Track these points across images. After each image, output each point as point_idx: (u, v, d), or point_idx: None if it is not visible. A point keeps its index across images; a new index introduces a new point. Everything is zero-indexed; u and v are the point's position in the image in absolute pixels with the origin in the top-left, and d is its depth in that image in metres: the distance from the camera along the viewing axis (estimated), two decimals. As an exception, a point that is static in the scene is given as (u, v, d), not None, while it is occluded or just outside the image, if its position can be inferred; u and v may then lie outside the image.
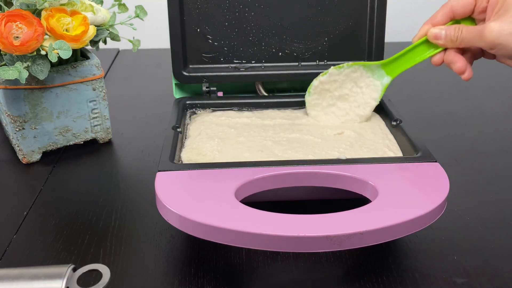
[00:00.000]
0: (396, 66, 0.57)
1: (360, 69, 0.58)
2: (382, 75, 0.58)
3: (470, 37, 0.49)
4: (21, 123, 0.60)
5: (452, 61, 0.52)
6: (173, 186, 0.45)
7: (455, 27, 0.50)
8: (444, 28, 0.51)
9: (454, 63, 0.52)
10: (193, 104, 0.63)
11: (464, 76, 0.52)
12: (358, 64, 0.58)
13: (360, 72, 0.58)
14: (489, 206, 0.54)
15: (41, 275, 0.41)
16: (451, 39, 0.51)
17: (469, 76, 0.52)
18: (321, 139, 0.55)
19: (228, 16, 0.62)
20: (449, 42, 0.51)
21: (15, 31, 0.53)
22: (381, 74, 0.58)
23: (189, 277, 0.45)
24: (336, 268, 0.46)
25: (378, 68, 0.58)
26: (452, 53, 0.52)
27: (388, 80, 0.58)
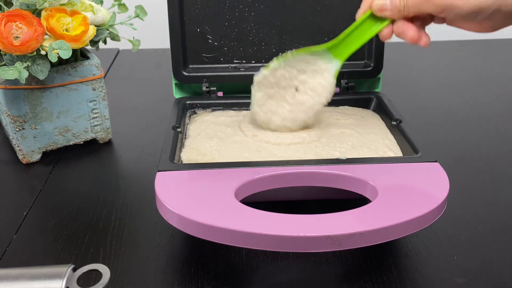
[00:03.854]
0: (344, 48, 0.53)
1: (306, 57, 0.54)
2: (331, 60, 0.54)
3: (417, 3, 0.46)
4: (21, 123, 0.60)
5: (403, 31, 0.49)
6: (173, 186, 0.45)
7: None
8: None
9: (405, 33, 0.48)
10: (193, 104, 0.63)
11: (422, 43, 0.49)
12: (303, 51, 0.53)
13: (306, 61, 0.54)
14: (489, 206, 0.54)
15: (41, 275, 0.41)
16: (398, 9, 0.47)
17: (427, 41, 0.49)
18: (321, 139, 0.55)
19: (228, 16, 0.63)
20: (396, 12, 0.48)
21: (15, 31, 0.53)
22: (329, 59, 0.54)
23: (189, 277, 0.45)
24: (336, 268, 0.46)
25: (325, 53, 0.53)
26: (401, 24, 0.48)
27: (338, 64, 0.54)
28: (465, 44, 1.04)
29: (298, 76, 0.55)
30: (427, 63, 0.96)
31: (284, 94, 0.55)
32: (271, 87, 0.55)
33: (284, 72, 0.54)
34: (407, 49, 1.00)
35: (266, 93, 0.55)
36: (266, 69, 0.54)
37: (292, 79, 0.55)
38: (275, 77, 0.55)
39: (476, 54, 1.00)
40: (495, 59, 0.98)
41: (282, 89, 0.55)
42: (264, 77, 0.55)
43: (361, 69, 0.65)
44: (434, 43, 1.02)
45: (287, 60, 0.54)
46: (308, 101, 0.55)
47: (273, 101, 0.55)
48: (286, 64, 0.54)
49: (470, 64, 0.96)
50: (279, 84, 0.55)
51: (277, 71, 0.54)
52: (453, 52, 1.01)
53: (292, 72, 0.55)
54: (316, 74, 0.55)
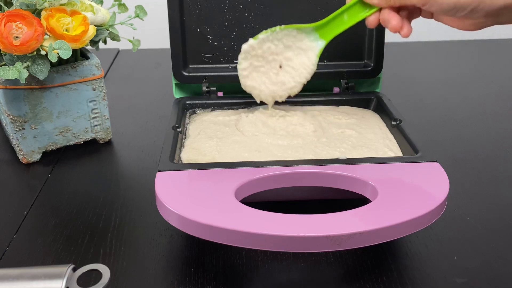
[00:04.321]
0: (330, 29, 0.55)
1: (293, 32, 0.56)
2: (316, 39, 0.56)
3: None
4: (21, 123, 0.60)
5: (387, 20, 0.50)
6: (173, 186, 0.45)
7: None
8: None
9: (389, 21, 0.50)
10: (193, 104, 0.63)
11: (403, 33, 0.50)
12: (291, 27, 0.55)
13: (293, 36, 0.56)
14: (489, 206, 0.54)
15: (41, 275, 0.41)
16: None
17: (408, 32, 0.50)
18: (321, 138, 0.55)
19: (228, 16, 0.63)
20: (383, 1, 0.50)
21: (15, 31, 0.53)
22: (315, 38, 0.56)
23: (189, 277, 0.45)
24: (336, 268, 0.46)
25: (312, 32, 0.56)
26: (387, 12, 0.50)
27: (323, 44, 0.56)
28: (465, 44, 1.04)
29: (284, 52, 0.57)
30: (427, 63, 0.96)
31: (268, 70, 0.57)
32: (257, 59, 0.57)
33: (271, 45, 0.56)
34: (407, 49, 1.01)
35: (252, 64, 0.57)
36: (254, 39, 0.56)
37: (278, 54, 0.57)
38: (262, 49, 0.56)
39: (476, 54, 1.00)
40: (495, 59, 0.98)
41: (267, 63, 0.57)
42: (251, 46, 0.56)
43: (361, 69, 0.65)
44: (434, 43, 1.03)
45: (275, 32, 0.56)
46: (289, 82, 0.57)
47: (257, 74, 0.57)
48: (274, 37, 0.56)
49: (470, 64, 0.96)
50: (266, 57, 0.57)
51: (265, 43, 0.56)
52: (453, 52, 1.01)
53: (278, 46, 0.56)
54: (301, 51, 0.57)
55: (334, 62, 0.65)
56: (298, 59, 0.57)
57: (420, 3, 0.47)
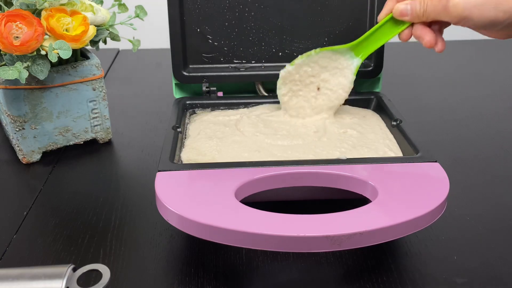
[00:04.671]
0: (365, 47, 0.57)
1: (328, 54, 0.57)
2: (352, 57, 0.57)
3: (436, 12, 0.48)
4: (21, 123, 0.60)
5: (420, 36, 0.51)
6: (173, 186, 0.45)
7: (420, 2, 0.49)
8: (410, 3, 0.50)
9: (422, 37, 0.51)
10: (193, 104, 0.63)
11: (437, 49, 0.51)
12: (326, 49, 0.57)
13: (328, 57, 0.58)
14: (489, 206, 0.54)
15: (41, 275, 0.41)
16: (417, 15, 0.50)
17: (442, 48, 0.51)
18: (322, 138, 0.55)
19: (228, 16, 0.62)
20: (415, 17, 0.50)
21: (15, 31, 0.53)
22: (351, 56, 0.57)
23: (189, 277, 0.45)
24: (336, 268, 0.46)
25: (347, 51, 0.57)
26: (420, 28, 0.51)
27: (359, 61, 0.57)
28: (465, 44, 1.04)
29: (321, 73, 0.58)
30: (427, 63, 0.96)
31: (307, 93, 0.59)
32: (295, 83, 0.58)
33: (307, 68, 0.58)
34: (407, 49, 1.01)
35: (291, 89, 0.59)
36: (291, 65, 0.58)
37: (315, 76, 0.58)
38: (299, 74, 0.58)
39: (476, 54, 1.00)
40: (495, 59, 0.98)
41: (305, 87, 0.59)
42: (289, 72, 0.58)
43: (361, 69, 0.64)
44: (434, 43, 1.03)
45: (310, 56, 0.57)
46: (327, 104, 0.59)
47: (297, 100, 0.59)
48: (310, 60, 0.57)
49: (470, 64, 0.96)
50: (303, 81, 0.58)
51: (301, 67, 0.58)
52: (453, 52, 1.01)
53: (315, 68, 0.58)
54: (338, 71, 0.58)
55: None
56: (335, 80, 0.58)
57: (453, 22, 0.48)
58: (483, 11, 0.45)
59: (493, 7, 0.44)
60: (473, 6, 0.45)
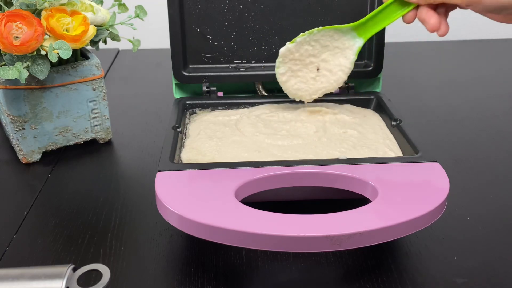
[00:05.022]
0: (368, 28, 0.56)
1: (330, 32, 0.56)
2: (354, 37, 0.57)
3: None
4: (21, 123, 0.60)
5: (425, 19, 0.50)
6: (173, 186, 0.45)
7: None
8: None
9: (427, 20, 0.50)
10: (193, 104, 0.63)
11: (439, 33, 0.50)
12: (329, 28, 0.56)
13: (330, 36, 0.57)
14: (489, 206, 0.54)
15: (41, 275, 0.41)
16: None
17: (445, 32, 0.50)
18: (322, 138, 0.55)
19: (228, 16, 0.63)
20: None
21: (15, 31, 0.53)
22: (353, 36, 0.56)
23: (189, 277, 0.45)
24: (336, 268, 0.46)
25: (350, 31, 0.56)
26: (425, 11, 0.50)
27: (361, 42, 0.57)
28: (465, 44, 1.04)
29: (321, 53, 0.57)
30: (427, 63, 0.96)
31: (306, 74, 0.58)
32: (294, 63, 0.58)
33: (308, 47, 0.57)
34: (407, 49, 1.01)
35: (290, 68, 0.58)
36: (291, 43, 0.57)
37: (316, 55, 0.57)
38: (299, 52, 0.57)
39: (476, 54, 1.00)
40: (495, 59, 0.98)
41: (305, 67, 0.58)
42: (289, 50, 0.57)
43: (361, 69, 0.65)
44: (434, 43, 1.03)
45: (312, 34, 0.56)
46: (326, 87, 0.59)
47: (295, 80, 0.58)
48: (311, 38, 0.56)
49: (470, 64, 0.96)
50: (303, 60, 0.57)
51: (302, 46, 0.57)
52: (453, 52, 1.01)
53: (315, 46, 0.57)
54: (339, 50, 0.57)
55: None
56: (336, 60, 0.58)
57: (463, 4, 0.47)
58: None
59: None
60: None
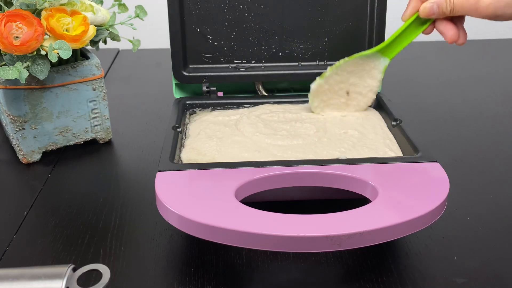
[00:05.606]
0: (393, 48, 0.57)
1: (356, 60, 0.58)
2: (379, 58, 0.58)
3: (464, 10, 0.48)
4: (21, 123, 0.60)
5: (444, 32, 0.51)
6: (173, 186, 0.45)
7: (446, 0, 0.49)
8: (435, 1, 0.50)
9: (446, 33, 0.51)
10: (193, 104, 0.63)
11: (459, 42, 0.52)
12: (355, 57, 0.57)
13: (355, 62, 0.58)
14: (489, 206, 0.54)
15: (41, 275, 0.41)
16: (444, 12, 0.50)
17: (464, 41, 0.52)
18: (322, 139, 0.55)
19: (228, 16, 0.63)
20: (441, 15, 0.50)
21: (15, 31, 0.53)
22: (377, 57, 0.58)
23: (189, 277, 0.45)
24: (336, 268, 0.46)
25: (375, 54, 0.58)
26: (443, 23, 0.51)
27: (386, 61, 0.58)
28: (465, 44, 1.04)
29: (349, 79, 0.59)
30: (427, 63, 0.96)
31: (337, 101, 0.60)
32: (325, 94, 0.59)
33: (336, 77, 0.58)
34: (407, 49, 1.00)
35: (322, 100, 0.60)
36: (321, 78, 0.58)
37: (344, 82, 0.59)
38: (328, 84, 0.59)
39: (476, 54, 1.00)
40: (495, 59, 0.98)
41: (335, 94, 0.60)
42: (319, 85, 0.59)
43: (361, 69, 0.65)
44: (434, 43, 1.03)
45: (339, 66, 0.58)
46: (356, 108, 0.60)
47: (329, 109, 0.60)
48: (338, 69, 0.58)
49: (470, 64, 0.96)
50: (332, 89, 0.59)
51: (331, 77, 0.58)
52: (453, 52, 1.01)
53: (343, 74, 0.58)
54: (364, 73, 0.58)
55: (334, 62, 0.65)
56: (364, 83, 0.59)
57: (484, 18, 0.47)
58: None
59: None
60: (505, 6, 0.45)
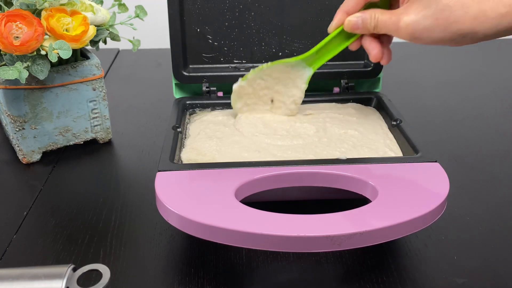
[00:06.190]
0: (317, 59, 0.57)
1: (281, 66, 0.57)
2: (304, 67, 0.57)
3: (386, 29, 0.48)
4: (21, 123, 0.60)
5: (368, 49, 0.51)
6: (173, 186, 0.45)
7: (370, 15, 0.49)
8: (361, 16, 0.50)
9: (370, 51, 0.51)
10: (193, 104, 0.63)
11: (382, 62, 0.52)
12: (278, 62, 0.57)
13: (281, 69, 0.57)
14: (489, 206, 0.54)
15: (41, 275, 0.41)
16: (368, 29, 0.50)
17: (387, 61, 0.52)
18: (322, 139, 0.55)
19: (228, 16, 0.62)
20: (365, 31, 0.50)
21: (15, 31, 0.53)
22: (303, 67, 0.57)
23: (189, 277, 0.45)
24: (336, 268, 0.46)
25: (300, 63, 0.57)
26: (368, 40, 0.51)
27: (310, 71, 0.58)
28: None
29: (274, 86, 0.58)
30: (427, 63, 0.96)
31: (262, 108, 0.59)
32: (249, 97, 0.59)
33: (260, 81, 0.58)
34: (407, 49, 1.01)
35: (246, 103, 0.59)
36: (243, 80, 0.58)
37: (269, 88, 0.58)
38: (252, 87, 0.58)
39: (476, 54, 1.00)
40: (495, 59, 0.98)
41: (260, 99, 0.59)
42: (241, 87, 0.58)
43: (361, 69, 0.65)
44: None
45: (263, 70, 0.57)
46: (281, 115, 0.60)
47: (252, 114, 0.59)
48: (262, 73, 0.58)
49: (470, 64, 0.96)
50: (256, 93, 0.59)
51: (254, 81, 0.58)
52: (453, 52, 1.01)
53: (268, 80, 0.58)
54: (290, 81, 0.58)
55: (334, 62, 0.65)
56: (288, 91, 0.59)
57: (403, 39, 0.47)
58: (432, 33, 0.45)
59: (442, 30, 0.44)
60: (423, 29, 0.45)
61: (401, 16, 0.46)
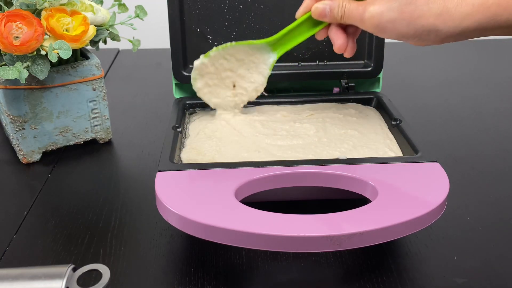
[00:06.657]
0: (283, 44, 0.56)
1: (245, 48, 0.56)
2: (269, 52, 0.56)
3: (352, 19, 0.48)
4: (21, 123, 0.60)
5: (333, 39, 0.51)
6: (173, 186, 0.45)
7: (338, 4, 0.48)
8: (329, 3, 0.49)
9: (335, 41, 0.51)
10: (193, 104, 0.63)
11: (345, 54, 0.51)
12: (243, 43, 0.56)
13: (245, 51, 0.56)
14: (489, 206, 0.54)
15: (41, 275, 0.41)
16: (335, 17, 0.49)
17: (351, 53, 0.51)
18: (322, 139, 0.55)
19: (228, 16, 0.63)
20: (333, 19, 0.50)
21: (15, 31, 0.53)
22: (268, 51, 0.56)
23: (189, 277, 0.45)
24: (336, 268, 0.46)
25: (264, 46, 0.56)
26: (334, 30, 0.51)
27: (275, 57, 0.57)
28: (465, 44, 1.04)
29: (238, 68, 0.57)
30: (427, 63, 0.96)
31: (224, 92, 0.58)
32: (210, 77, 0.57)
33: (223, 61, 0.56)
34: (407, 49, 1.01)
35: (207, 83, 0.57)
36: (205, 56, 0.56)
37: (232, 70, 0.57)
38: (214, 66, 0.56)
39: (476, 54, 1.00)
40: (495, 59, 0.98)
41: (222, 82, 0.58)
42: (203, 64, 0.56)
43: (361, 69, 0.65)
44: (434, 43, 1.03)
45: (226, 49, 0.56)
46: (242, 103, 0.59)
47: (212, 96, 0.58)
48: (226, 52, 0.56)
49: (470, 64, 0.96)
50: (219, 74, 0.57)
51: (217, 59, 0.56)
52: (453, 52, 1.01)
53: (231, 60, 0.57)
54: (253, 65, 0.57)
55: (334, 62, 0.65)
56: (251, 77, 0.58)
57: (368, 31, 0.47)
58: (396, 26, 0.45)
59: (406, 24, 0.44)
60: (387, 21, 0.45)
61: (367, 7, 0.46)
